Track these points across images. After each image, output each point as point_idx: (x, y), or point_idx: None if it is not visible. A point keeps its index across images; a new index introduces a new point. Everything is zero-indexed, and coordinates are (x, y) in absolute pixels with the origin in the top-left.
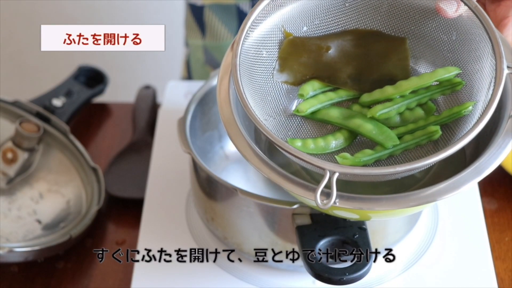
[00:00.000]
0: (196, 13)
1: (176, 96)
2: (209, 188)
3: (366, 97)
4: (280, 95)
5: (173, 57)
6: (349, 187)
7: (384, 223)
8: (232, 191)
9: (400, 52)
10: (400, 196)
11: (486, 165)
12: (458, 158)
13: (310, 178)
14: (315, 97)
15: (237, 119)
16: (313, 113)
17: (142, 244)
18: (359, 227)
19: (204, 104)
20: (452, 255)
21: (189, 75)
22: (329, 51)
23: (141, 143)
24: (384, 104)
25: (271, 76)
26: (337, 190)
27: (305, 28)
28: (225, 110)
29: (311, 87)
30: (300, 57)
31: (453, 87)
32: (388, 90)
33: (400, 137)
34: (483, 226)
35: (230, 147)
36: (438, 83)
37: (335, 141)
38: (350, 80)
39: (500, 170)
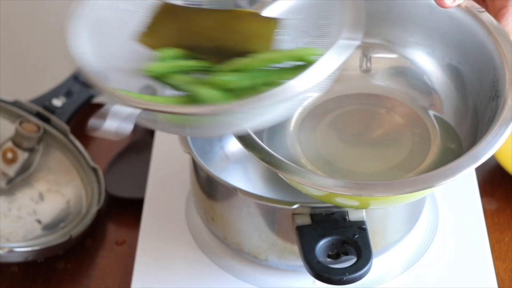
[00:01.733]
0: None
1: None
2: (209, 188)
3: (219, 67)
4: (136, 55)
5: None
6: (331, 167)
7: (384, 223)
8: (232, 191)
9: (267, 33)
10: (397, 182)
11: (483, 152)
12: (457, 153)
13: (310, 165)
14: (170, 62)
15: None
16: (162, 76)
17: (142, 244)
18: (359, 227)
19: None
20: (452, 255)
21: None
22: (198, 24)
23: (141, 143)
24: (232, 74)
25: (128, 35)
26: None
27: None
28: None
29: (171, 53)
30: (168, 23)
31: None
32: (239, 61)
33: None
34: (483, 226)
35: (230, 147)
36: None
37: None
38: (212, 53)
39: (500, 170)
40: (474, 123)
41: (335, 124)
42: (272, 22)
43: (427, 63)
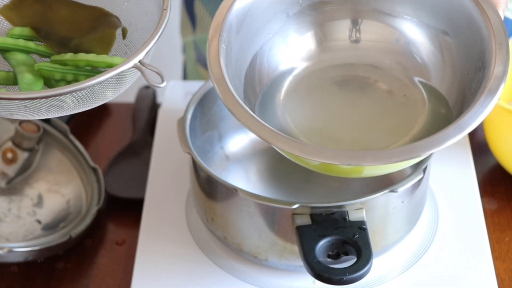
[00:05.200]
0: (188, 6)
1: (176, 96)
2: (209, 188)
3: (54, 57)
4: None
5: (173, 57)
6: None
7: (384, 223)
8: (232, 191)
9: (110, 40)
10: (386, 152)
11: (469, 122)
12: (446, 117)
13: (300, 134)
14: (16, 39)
15: (227, 77)
16: (5, 50)
17: (142, 244)
18: (359, 227)
19: (204, 104)
20: (452, 255)
21: (184, 78)
22: (57, 11)
23: (141, 143)
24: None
25: None
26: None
27: None
28: (214, 69)
29: (20, 30)
30: (31, 3)
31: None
32: (64, 56)
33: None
34: (483, 226)
35: (230, 147)
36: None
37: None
38: (56, 42)
39: (500, 170)
40: (461, 92)
41: (325, 94)
42: (114, 32)
43: (416, 33)
